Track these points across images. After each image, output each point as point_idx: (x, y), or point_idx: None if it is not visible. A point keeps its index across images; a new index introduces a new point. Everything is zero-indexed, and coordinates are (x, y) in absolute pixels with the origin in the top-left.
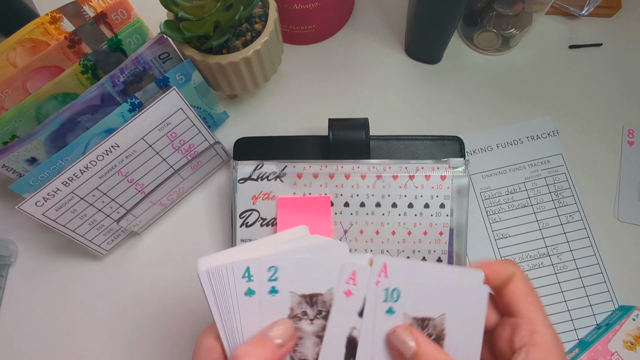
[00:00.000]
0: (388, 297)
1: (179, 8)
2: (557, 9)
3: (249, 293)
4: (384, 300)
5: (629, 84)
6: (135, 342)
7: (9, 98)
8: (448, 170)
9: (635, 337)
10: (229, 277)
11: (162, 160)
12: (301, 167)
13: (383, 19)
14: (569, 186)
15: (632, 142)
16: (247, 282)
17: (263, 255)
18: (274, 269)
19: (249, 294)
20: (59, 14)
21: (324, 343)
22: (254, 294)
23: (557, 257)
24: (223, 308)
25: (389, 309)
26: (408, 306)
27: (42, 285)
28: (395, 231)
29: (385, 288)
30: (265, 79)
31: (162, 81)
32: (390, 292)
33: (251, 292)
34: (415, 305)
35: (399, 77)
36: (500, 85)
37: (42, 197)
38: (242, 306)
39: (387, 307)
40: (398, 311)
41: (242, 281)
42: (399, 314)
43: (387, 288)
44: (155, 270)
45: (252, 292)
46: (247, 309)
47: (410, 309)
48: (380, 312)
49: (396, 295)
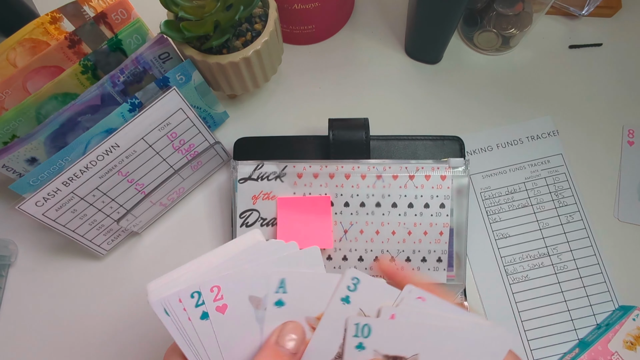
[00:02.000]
0: (358, 333)
1: (179, 8)
2: (557, 9)
3: (203, 317)
4: (354, 335)
5: (629, 84)
6: (135, 342)
7: (9, 98)
8: (448, 170)
9: (635, 337)
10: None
11: (162, 160)
12: (301, 167)
13: (383, 19)
14: (569, 186)
15: (632, 142)
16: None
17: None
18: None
19: (203, 317)
20: (59, 14)
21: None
22: (208, 318)
23: (557, 257)
24: (184, 334)
25: (359, 344)
26: (379, 343)
27: (42, 285)
28: (395, 231)
29: (355, 323)
30: (265, 79)
31: (162, 81)
32: (361, 328)
33: (205, 315)
34: (386, 343)
35: (399, 77)
36: (500, 85)
37: (42, 197)
38: (200, 331)
39: (357, 343)
40: (368, 347)
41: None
42: (369, 350)
43: (357, 323)
44: (155, 270)
45: (206, 315)
46: (204, 332)
47: (381, 346)
48: (350, 347)
49: (367, 331)
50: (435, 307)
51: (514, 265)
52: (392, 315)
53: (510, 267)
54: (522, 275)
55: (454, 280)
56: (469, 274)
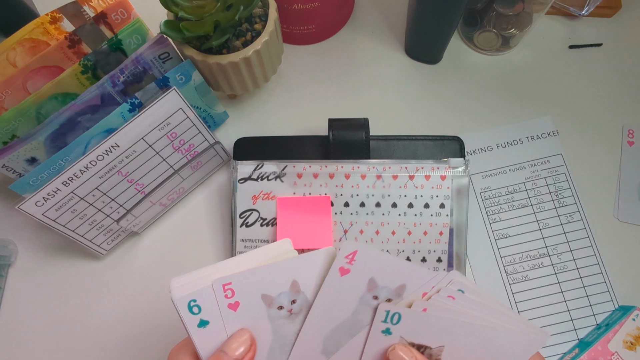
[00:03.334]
0: (387, 319)
1: (179, 8)
2: (557, 9)
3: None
4: (383, 320)
5: (629, 84)
6: (135, 342)
7: (9, 98)
8: (448, 170)
9: (635, 337)
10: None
11: (162, 160)
12: (301, 167)
13: (383, 19)
14: (569, 186)
15: (632, 142)
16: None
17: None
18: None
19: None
20: (59, 14)
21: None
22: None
23: (557, 257)
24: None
25: (386, 329)
26: (406, 331)
27: (42, 285)
28: (395, 231)
29: (386, 310)
30: (265, 79)
31: (162, 81)
32: (391, 315)
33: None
34: (413, 332)
35: (399, 77)
36: (500, 85)
37: (42, 197)
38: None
39: (384, 327)
40: (395, 333)
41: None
42: (395, 335)
43: (388, 310)
44: (155, 270)
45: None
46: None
47: (407, 334)
48: (376, 330)
49: (397, 318)
50: (470, 299)
51: (514, 265)
52: (424, 309)
53: (510, 267)
54: (522, 275)
55: None
56: (469, 274)
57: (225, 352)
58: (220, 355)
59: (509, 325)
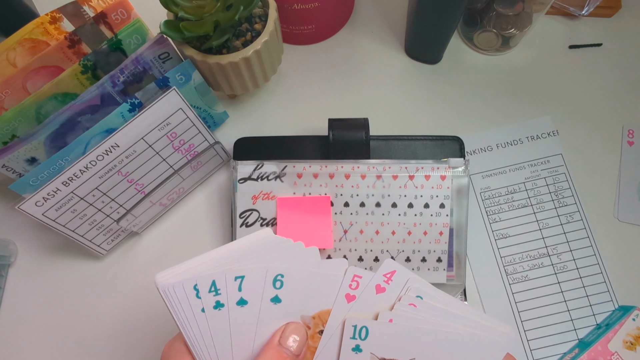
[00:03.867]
0: (355, 335)
1: (179, 8)
2: (557, 9)
3: (218, 306)
4: (351, 337)
5: (629, 84)
6: (135, 342)
7: (9, 98)
8: (448, 170)
9: (635, 337)
10: (193, 292)
11: (162, 160)
12: (301, 167)
13: (383, 19)
14: (569, 186)
15: (632, 142)
16: (215, 296)
17: (229, 266)
18: (240, 279)
19: (218, 307)
20: (58, 14)
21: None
22: (223, 307)
23: (557, 257)
24: (189, 322)
25: (356, 346)
26: (376, 346)
27: (42, 285)
28: (395, 231)
29: (353, 324)
30: (265, 79)
31: (162, 81)
32: (358, 330)
33: (220, 304)
34: (383, 346)
35: (399, 77)
36: (500, 85)
37: (42, 197)
38: (210, 320)
39: (353, 345)
40: (365, 349)
41: (210, 295)
42: (365, 352)
43: (355, 325)
44: (155, 270)
45: (220, 304)
46: (216, 322)
47: (377, 349)
48: (346, 348)
49: (364, 333)
50: (434, 307)
51: (513, 265)
52: (390, 319)
53: (510, 267)
54: (522, 275)
55: (453, 280)
56: (469, 274)
57: (285, 346)
58: (280, 350)
59: (474, 330)
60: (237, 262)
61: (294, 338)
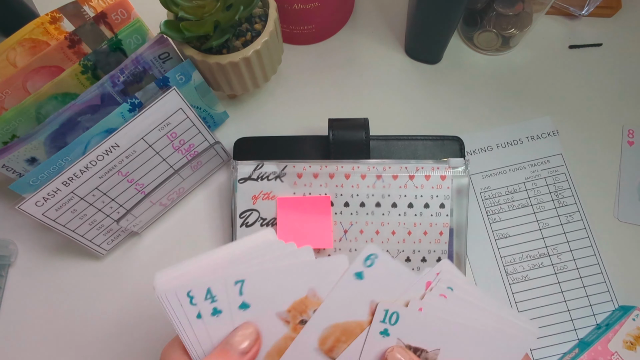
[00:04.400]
0: (386, 319)
1: (179, 8)
2: (557, 9)
3: (215, 313)
4: (381, 320)
5: (629, 84)
6: (135, 342)
7: (9, 98)
8: (448, 170)
9: (635, 337)
10: (190, 300)
11: (162, 160)
12: (301, 167)
13: (383, 19)
14: (569, 186)
15: (632, 142)
16: (212, 303)
17: (224, 271)
18: (240, 283)
19: (215, 314)
20: (59, 14)
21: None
22: (221, 313)
23: (557, 257)
24: (188, 328)
25: (384, 330)
26: (404, 333)
27: (42, 285)
28: (395, 231)
29: (385, 309)
30: (265, 79)
31: (162, 81)
32: (389, 315)
33: (217, 311)
34: (410, 334)
35: (399, 77)
36: (500, 85)
37: (42, 197)
38: (210, 326)
39: (382, 328)
40: (392, 334)
41: (206, 303)
42: (392, 337)
43: (387, 309)
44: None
45: (218, 311)
46: (215, 328)
47: (404, 336)
48: (375, 331)
49: (395, 318)
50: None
51: (514, 265)
52: (420, 308)
53: (510, 267)
54: (522, 275)
55: None
56: (469, 274)
57: (230, 344)
58: (226, 348)
59: (500, 325)
60: (235, 265)
61: (241, 335)
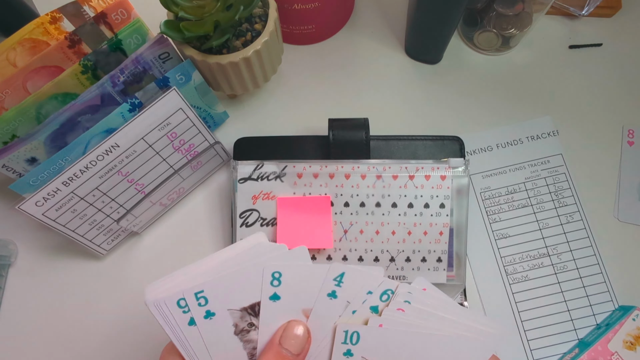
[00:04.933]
0: (347, 340)
1: (179, 8)
2: (557, 9)
3: (191, 323)
4: (343, 341)
5: (629, 84)
6: (136, 342)
7: (9, 98)
8: (448, 170)
9: (635, 337)
10: (172, 309)
11: (162, 160)
12: (301, 167)
13: (383, 19)
14: (569, 186)
15: (632, 142)
16: (185, 314)
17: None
18: (201, 293)
19: (191, 324)
20: (59, 14)
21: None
22: (195, 324)
23: (557, 257)
24: (178, 335)
25: (347, 351)
26: (367, 351)
27: (42, 285)
28: (395, 231)
29: (344, 330)
30: (265, 79)
31: (162, 81)
32: (350, 335)
33: (192, 322)
34: (373, 351)
35: (399, 77)
36: (500, 85)
37: (42, 197)
38: (188, 335)
39: (345, 349)
40: (356, 354)
41: (180, 312)
42: (357, 357)
43: (346, 330)
44: (155, 270)
45: (193, 321)
46: (194, 337)
47: (368, 354)
48: (338, 353)
49: (355, 338)
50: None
51: (514, 265)
52: (379, 324)
53: (510, 267)
54: (522, 275)
55: (453, 280)
56: (469, 274)
57: (286, 349)
58: (281, 352)
59: (462, 331)
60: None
61: (294, 337)
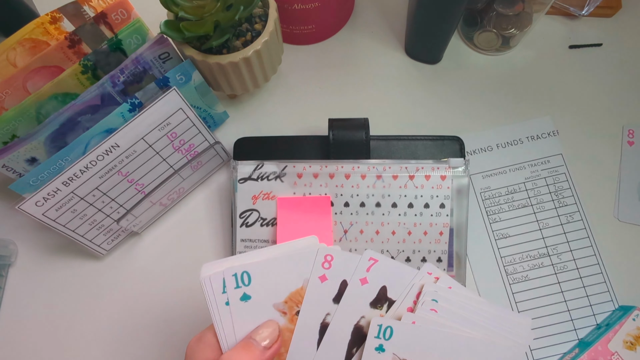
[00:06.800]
0: (380, 334)
1: (179, 8)
2: (557, 9)
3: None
4: (376, 336)
5: (629, 84)
6: (136, 342)
7: (9, 98)
8: (448, 170)
9: (635, 337)
10: (223, 285)
11: (162, 160)
12: (301, 167)
13: (383, 19)
14: (569, 186)
15: (632, 142)
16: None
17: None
18: (246, 274)
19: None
20: (59, 14)
21: (296, 331)
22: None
23: (557, 257)
24: (219, 313)
25: (379, 345)
26: (398, 347)
27: (42, 285)
28: (395, 231)
29: (378, 324)
30: (265, 79)
31: (162, 81)
32: (383, 330)
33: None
34: (405, 348)
35: (399, 77)
36: (500, 85)
37: (42, 197)
38: (234, 312)
39: (377, 344)
40: (388, 350)
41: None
42: (388, 352)
43: (380, 324)
44: (155, 270)
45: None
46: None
47: (400, 350)
48: (370, 347)
49: (389, 333)
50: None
51: (514, 265)
52: (413, 321)
53: (510, 267)
54: (522, 275)
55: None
56: (469, 274)
57: (254, 339)
58: (250, 342)
59: (492, 337)
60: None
61: (264, 331)
